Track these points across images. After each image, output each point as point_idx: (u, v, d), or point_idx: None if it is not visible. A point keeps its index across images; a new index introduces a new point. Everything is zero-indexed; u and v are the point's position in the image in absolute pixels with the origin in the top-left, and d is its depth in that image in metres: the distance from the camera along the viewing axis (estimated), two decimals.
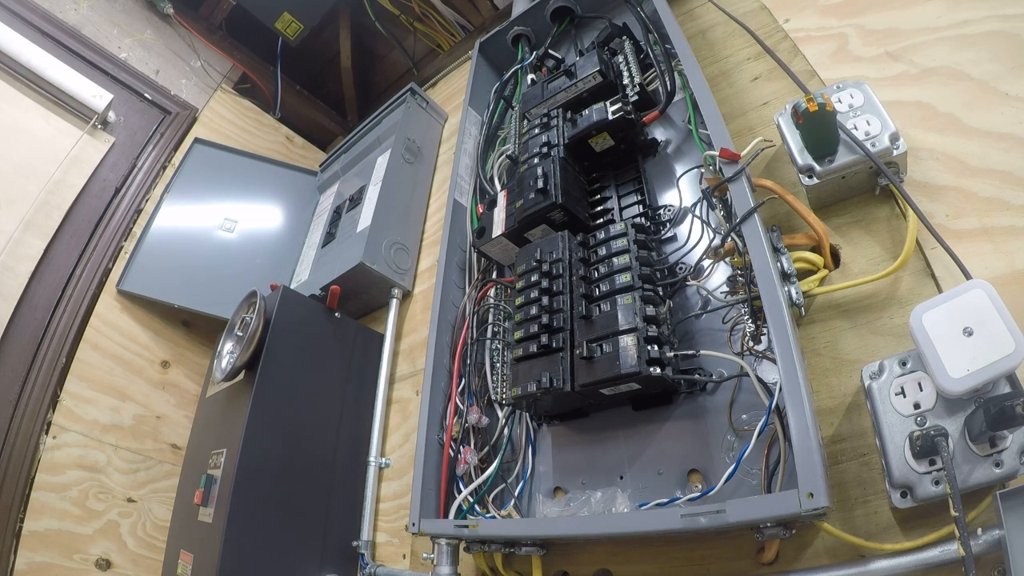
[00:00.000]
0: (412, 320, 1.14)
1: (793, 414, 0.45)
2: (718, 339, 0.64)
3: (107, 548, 1.06)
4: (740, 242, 0.57)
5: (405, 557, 0.89)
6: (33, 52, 1.24)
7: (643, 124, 0.81)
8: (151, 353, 1.26)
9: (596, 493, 0.64)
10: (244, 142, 1.63)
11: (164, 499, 1.15)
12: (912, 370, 0.49)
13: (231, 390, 0.97)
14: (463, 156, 1.07)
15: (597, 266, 0.68)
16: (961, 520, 0.40)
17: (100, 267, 1.23)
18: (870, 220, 0.63)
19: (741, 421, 0.59)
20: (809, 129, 0.60)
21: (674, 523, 0.48)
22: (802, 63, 0.78)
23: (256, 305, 0.93)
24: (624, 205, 0.81)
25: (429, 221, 1.28)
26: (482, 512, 0.72)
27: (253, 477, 0.83)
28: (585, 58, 0.90)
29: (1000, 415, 0.40)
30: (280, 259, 1.40)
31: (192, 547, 0.88)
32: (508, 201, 0.83)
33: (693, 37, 0.95)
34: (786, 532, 0.46)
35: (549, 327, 0.65)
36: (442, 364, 0.83)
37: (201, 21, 1.69)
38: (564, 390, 0.61)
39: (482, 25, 1.66)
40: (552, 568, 0.70)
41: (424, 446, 0.75)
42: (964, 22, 0.67)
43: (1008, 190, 0.56)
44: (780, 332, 0.48)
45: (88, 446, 1.10)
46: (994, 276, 0.53)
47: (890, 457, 0.47)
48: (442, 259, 0.92)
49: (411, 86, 1.39)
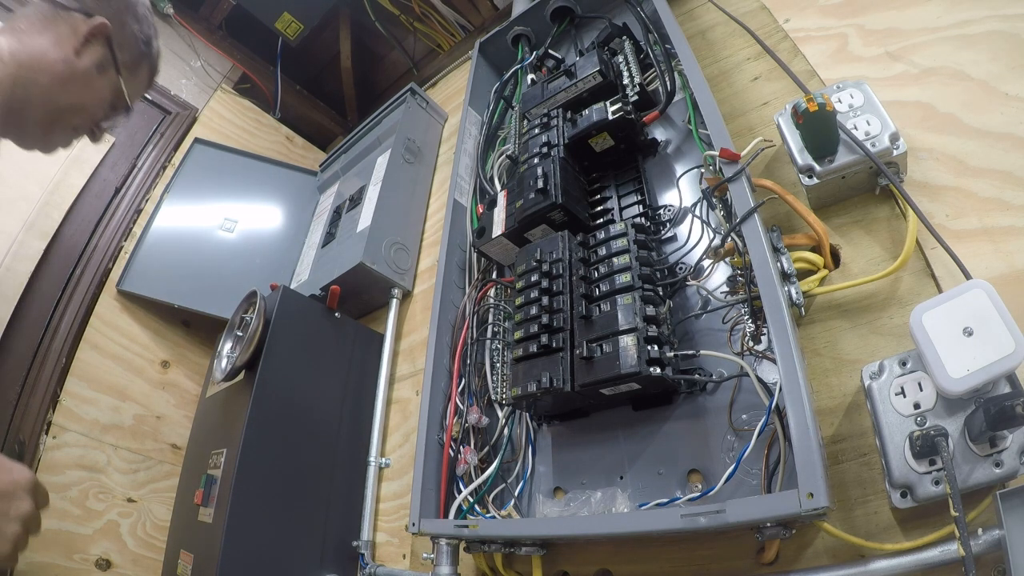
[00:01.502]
0: (412, 320, 1.14)
1: (793, 414, 0.45)
2: (718, 339, 0.64)
3: (107, 548, 1.05)
4: (740, 242, 0.57)
5: (405, 557, 0.89)
6: None
7: (643, 124, 0.81)
8: (151, 353, 1.26)
9: (596, 493, 0.64)
10: (244, 142, 1.63)
11: (164, 499, 1.15)
12: (912, 370, 0.49)
13: (231, 390, 0.97)
14: (463, 156, 1.07)
15: (597, 266, 0.68)
16: (961, 520, 0.40)
17: (100, 267, 1.23)
18: (870, 220, 0.63)
19: (741, 421, 0.59)
20: (809, 129, 0.61)
21: (674, 523, 0.48)
22: (802, 63, 0.78)
23: (256, 305, 0.93)
24: (624, 205, 0.81)
25: (429, 221, 1.28)
26: (482, 512, 0.72)
27: (253, 477, 0.83)
28: (585, 58, 0.90)
29: (1000, 415, 0.40)
30: (280, 259, 1.40)
31: (192, 547, 0.88)
32: (508, 201, 0.83)
33: (693, 37, 0.95)
34: (786, 532, 0.46)
35: (549, 327, 0.65)
36: (442, 364, 0.83)
37: (201, 21, 1.69)
38: (564, 390, 0.61)
39: (482, 25, 1.66)
40: (552, 568, 0.70)
41: (424, 446, 0.75)
42: (964, 22, 0.67)
43: (1008, 190, 0.56)
44: (780, 332, 0.48)
45: (88, 446, 1.10)
46: (994, 276, 0.53)
47: (890, 457, 0.47)
48: (442, 259, 0.92)
49: (411, 86, 1.39)
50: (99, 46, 0.70)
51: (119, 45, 0.72)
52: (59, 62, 0.66)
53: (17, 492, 0.55)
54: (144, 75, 0.79)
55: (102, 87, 0.72)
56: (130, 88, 0.76)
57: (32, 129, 0.69)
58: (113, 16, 0.70)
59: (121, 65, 0.72)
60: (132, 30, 0.73)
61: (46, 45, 0.66)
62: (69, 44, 0.67)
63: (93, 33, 0.68)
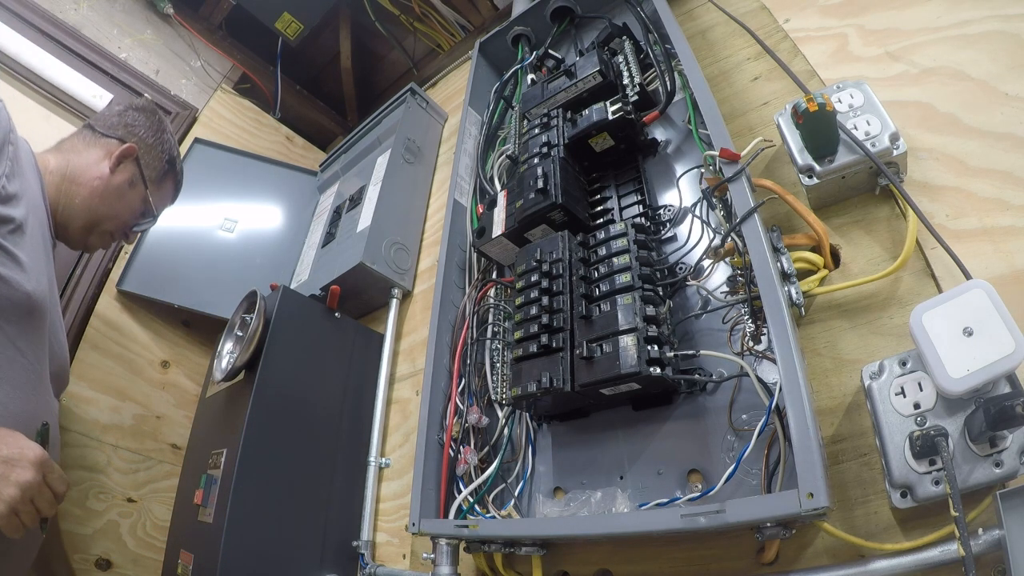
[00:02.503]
0: (412, 320, 1.14)
1: (793, 414, 0.45)
2: (718, 339, 0.64)
3: (107, 548, 1.06)
4: (740, 242, 0.57)
5: (405, 557, 0.89)
6: (33, 52, 1.25)
7: (643, 124, 0.81)
8: (151, 353, 1.26)
9: (596, 493, 0.64)
10: (244, 142, 1.63)
11: (164, 499, 1.15)
12: (912, 370, 0.49)
13: (231, 390, 0.97)
14: (463, 156, 1.07)
15: (597, 266, 0.68)
16: (961, 520, 0.40)
17: (100, 267, 1.23)
18: (870, 220, 0.63)
19: (741, 421, 0.59)
20: (809, 129, 0.61)
21: (674, 523, 0.48)
22: (802, 63, 0.78)
23: (256, 305, 0.93)
24: (624, 205, 0.81)
25: (429, 221, 1.28)
26: (482, 512, 0.72)
27: (253, 477, 0.83)
28: (585, 58, 0.90)
29: (1000, 415, 0.40)
30: (280, 259, 1.40)
31: (192, 547, 0.88)
32: (508, 201, 0.83)
33: (693, 37, 0.95)
34: (786, 532, 0.46)
35: (549, 327, 0.65)
36: (442, 364, 0.83)
37: (201, 21, 1.69)
38: (564, 390, 0.61)
39: (482, 25, 1.66)
40: (552, 568, 0.70)
41: (424, 446, 0.75)
42: (964, 22, 0.67)
43: (1008, 190, 0.56)
44: (780, 332, 0.48)
45: (88, 446, 1.10)
46: (994, 276, 0.53)
47: (890, 457, 0.47)
48: (442, 259, 0.92)
49: (411, 86, 1.39)
50: (130, 165, 0.83)
51: (146, 164, 0.85)
52: (96, 179, 0.79)
53: (22, 461, 0.58)
54: (169, 187, 0.93)
55: (133, 199, 0.85)
56: (156, 199, 0.89)
57: (75, 233, 0.81)
58: (141, 141, 0.85)
59: (148, 181, 0.86)
60: (157, 152, 0.87)
61: (86, 164, 0.79)
62: (105, 164, 0.80)
63: (124, 155, 0.82)
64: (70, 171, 0.78)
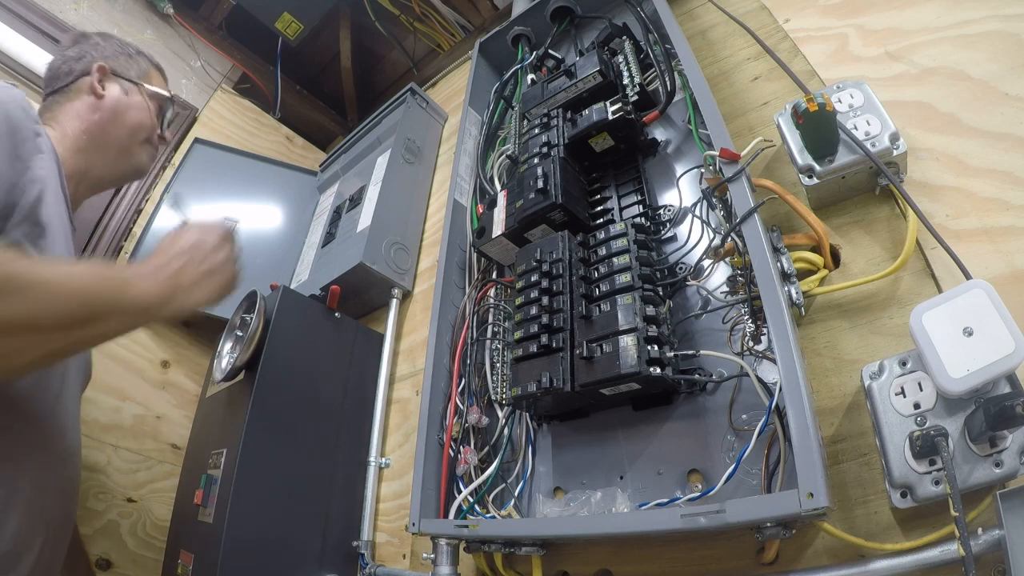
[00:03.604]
0: (412, 320, 1.14)
1: (793, 414, 0.45)
2: (718, 339, 0.64)
3: (107, 548, 1.05)
4: (740, 242, 0.57)
5: (405, 557, 0.89)
6: (33, 52, 1.24)
7: (643, 124, 0.81)
8: (151, 353, 1.26)
9: (596, 493, 0.64)
10: (244, 142, 1.63)
11: (164, 499, 1.15)
12: (912, 370, 0.49)
13: (231, 390, 0.97)
14: (463, 156, 1.07)
15: (597, 266, 0.68)
16: (961, 520, 0.40)
17: None
18: (870, 220, 0.63)
19: (741, 421, 0.59)
20: (809, 129, 0.60)
21: (674, 523, 0.48)
22: (802, 63, 0.78)
23: (256, 305, 0.93)
24: (624, 205, 0.81)
25: (429, 221, 1.28)
26: (482, 512, 0.72)
27: (253, 477, 0.83)
28: (585, 58, 0.90)
29: (1000, 415, 0.40)
30: (280, 259, 1.40)
31: (192, 547, 0.88)
32: (508, 201, 0.83)
33: (693, 37, 0.95)
34: (786, 532, 0.46)
35: (549, 327, 0.65)
36: (442, 364, 0.83)
37: (201, 21, 1.69)
38: (564, 390, 0.61)
39: (482, 25, 1.66)
40: (552, 568, 0.70)
41: (424, 446, 0.75)
42: (964, 22, 0.67)
43: (1008, 190, 0.56)
44: (780, 332, 0.48)
45: (88, 446, 1.09)
46: (994, 276, 0.53)
47: (890, 457, 0.47)
48: (442, 259, 0.92)
49: (411, 86, 1.39)
50: (111, 80, 0.82)
51: (124, 68, 0.84)
52: (94, 116, 0.78)
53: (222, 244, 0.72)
54: (156, 73, 0.91)
55: (139, 102, 0.84)
56: (156, 83, 0.88)
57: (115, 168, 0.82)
58: (101, 57, 0.83)
59: (137, 78, 0.85)
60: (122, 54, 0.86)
61: (77, 113, 0.78)
62: (91, 98, 0.79)
63: (100, 77, 0.80)
64: (72, 130, 0.76)
